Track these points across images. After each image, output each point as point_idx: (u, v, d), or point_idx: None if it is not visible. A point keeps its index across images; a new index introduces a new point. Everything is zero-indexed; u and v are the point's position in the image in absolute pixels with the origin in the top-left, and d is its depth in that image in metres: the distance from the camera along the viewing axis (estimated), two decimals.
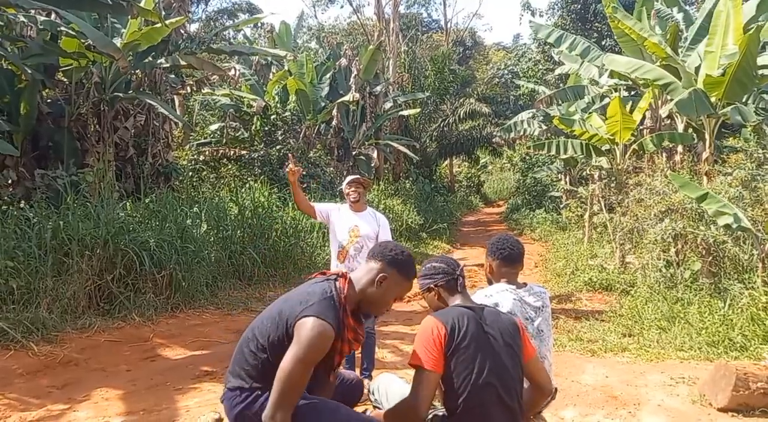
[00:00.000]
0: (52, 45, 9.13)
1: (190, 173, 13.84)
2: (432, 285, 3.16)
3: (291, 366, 2.51)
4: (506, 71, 31.14)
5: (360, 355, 5.24)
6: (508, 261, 3.54)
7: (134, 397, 5.09)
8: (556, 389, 3.64)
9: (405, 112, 19.93)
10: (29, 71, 8.39)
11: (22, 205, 7.66)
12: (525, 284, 3.57)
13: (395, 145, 19.35)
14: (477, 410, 2.85)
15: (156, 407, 4.84)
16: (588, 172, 14.61)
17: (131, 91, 10.94)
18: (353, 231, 5.18)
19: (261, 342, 2.70)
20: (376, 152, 18.97)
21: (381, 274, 2.85)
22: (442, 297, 3.15)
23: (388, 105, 19.64)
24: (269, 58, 17.63)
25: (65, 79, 10.22)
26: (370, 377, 4.95)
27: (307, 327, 2.57)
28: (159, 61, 10.90)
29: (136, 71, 11.11)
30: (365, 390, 3.82)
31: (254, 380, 2.69)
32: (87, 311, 7.12)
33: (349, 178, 5.34)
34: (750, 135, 11.03)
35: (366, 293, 2.87)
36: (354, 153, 17.83)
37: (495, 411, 2.86)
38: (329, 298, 2.73)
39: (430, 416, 3.03)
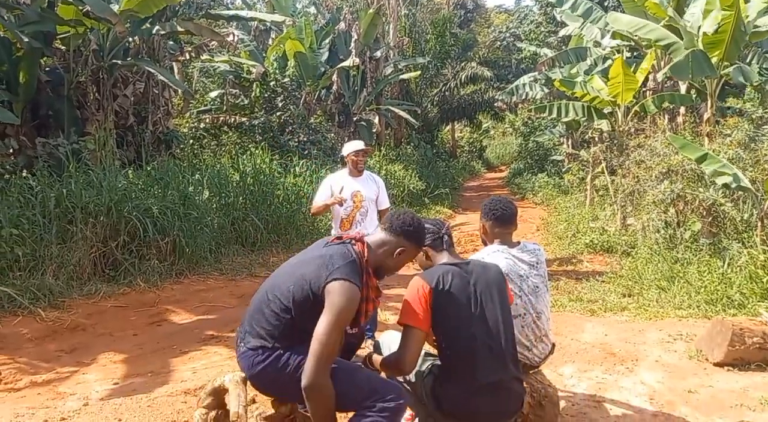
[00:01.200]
0: (49, 12, 9.05)
1: (191, 141, 13.82)
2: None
3: (327, 331, 2.56)
4: (508, 34, 30.77)
5: None
6: (500, 222, 3.61)
7: (141, 360, 5.20)
8: (553, 344, 3.71)
9: (405, 76, 19.75)
10: (26, 40, 8.33)
11: (24, 174, 7.69)
12: (518, 243, 3.64)
13: (396, 110, 19.25)
14: (466, 359, 2.96)
15: (163, 369, 4.94)
16: (590, 135, 14.55)
17: (130, 58, 10.87)
18: (356, 196, 5.21)
19: (284, 304, 2.74)
20: (377, 118, 18.89)
21: (400, 248, 2.94)
22: (429, 257, 3.26)
23: (388, 70, 19.47)
24: (268, 24, 17.46)
25: (63, 47, 10.15)
26: (372, 338, 5.03)
27: (338, 291, 2.63)
28: (157, 28, 10.81)
29: (134, 38, 11.02)
30: (364, 345, 3.92)
31: (276, 340, 2.74)
32: (92, 277, 7.22)
33: (356, 146, 5.29)
34: (754, 95, 10.99)
35: (385, 263, 2.97)
36: (355, 119, 17.75)
37: (483, 360, 2.96)
38: (353, 261, 2.79)
39: (428, 365, 3.13)
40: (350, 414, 2.72)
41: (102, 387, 4.48)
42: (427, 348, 3.29)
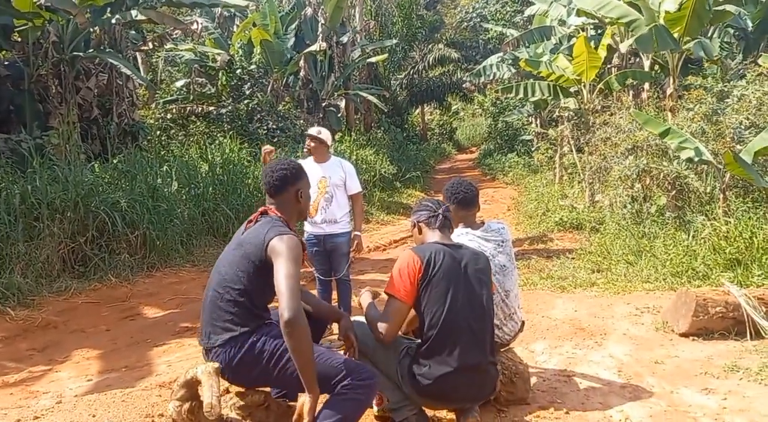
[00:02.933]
0: (4, 4, 8.83)
1: (158, 132, 13.65)
2: (415, 221, 3.39)
3: (287, 269, 2.64)
4: (474, 15, 30.71)
5: (337, 303, 5.36)
6: (463, 205, 3.66)
7: (115, 355, 5.17)
8: (523, 321, 3.79)
9: (373, 59, 19.66)
10: None
11: None
12: (482, 223, 3.69)
13: (365, 94, 19.18)
14: (447, 340, 3.03)
15: (138, 363, 4.92)
16: (557, 114, 14.68)
17: (91, 50, 10.67)
18: (321, 182, 5.21)
19: (238, 288, 2.79)
20: (345, 102, 18.81)
21: (296, 190, 3.07)
22: (421, 232, 3.35)
23: (356, 54, 19.37)
24: (232, 10, 17.22)
25: (21, 40, 9.93)
26: None
27: (280, 243, 2.73)
28: (117, 17, 10.61)
29: (95, 29, 10.81)
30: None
31: (241, 325, 2.79)
32: (62, 274, 7.12)
33: (310, 131, 5.33)
34: (716, 69, 11.17)
35: (297, 209, 3.11)
36: (323, 104, 17.65)
37: (464, 342, 3.03)
38: (277, 222, 2.90)
39: (404, 347, 3.18)
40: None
41: (76, 385, 4.45)
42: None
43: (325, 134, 5.29)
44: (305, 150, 5.33)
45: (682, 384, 3.92)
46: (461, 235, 3.57)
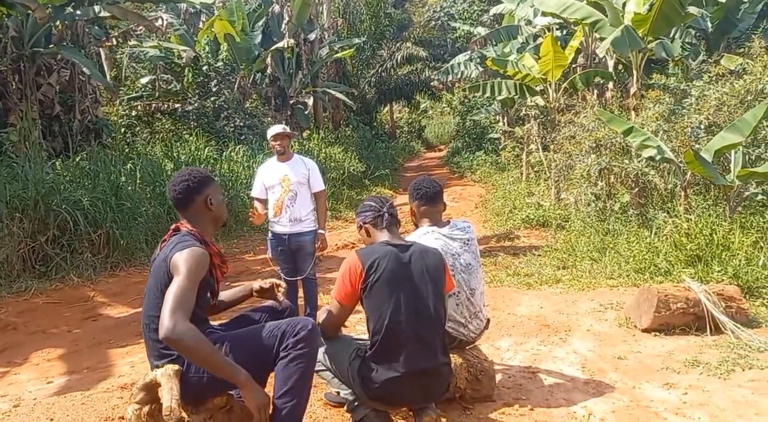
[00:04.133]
0: None
1: (123, 129, 13.42)
2: (361, 223, 3.35)
3: (176, 285, 2.59)
4: (442, 13, 30.81)
5: (303, 302, 5.34)
6: (426, 200, 3.67)
7: (77, 357, 5.07)
8: (488, 319, 3.81)
9: (339, 55, 19.60)
10: None
11: None
12: (448, 222, 3.70)
13: (333, 92, 19.11)
14: (392, 346, 3.01)
15: (100, 365, 4.83)
16: (524, 113, 14.81)
17: (52, 46, 10.44)
18: (284, 181, 5.19)
19: (157, 314, 2.66)
20: (313, 100, 18.72)
21: (205, 197, 2.96)
22: (369, 234, 3.30)
23: (324, 52, 19.29)
24: (198, 7, 17.02)
25: None
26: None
27: (181, 257, 2.67)
28: (79, 12, 10.40)
29: (57, 24, 10.58)
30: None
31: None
32: (22, 274, 6.99)
33: (273, 131, 5.26)
34: (676, 69, 11.37)
35: (212, 217, 3.01)
36: (291, 102, 17.56)
37: (411, 348, 3.01)
38: (185, 238, 2.83)
39: (354, 348, 3.17)
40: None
41: (35, 387, 4.35)
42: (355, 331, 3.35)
43: (288, 129, 5.29)
44: (277, 150, 5.24)
45: (645, 379, 3.98)
46: (426, 234, 3.57)
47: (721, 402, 3.58)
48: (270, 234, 5.38)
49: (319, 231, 5.32)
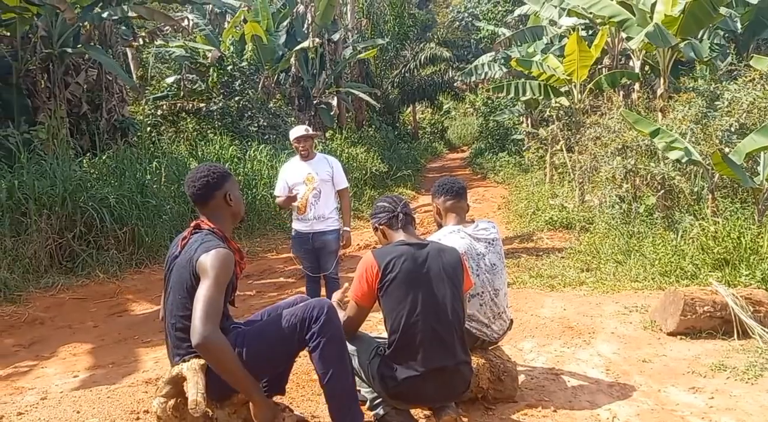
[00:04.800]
0: None
1: (148, 128, 13.58)
2: (376, 225, 3.34)
3: (207, 290, 2.61)
4: (466, 14, 30.74)
5: None
6: (452, 195, 3.66)
7: (102, 352, 5.14)
8: (511, 320, 3.79)
9: (363, 55, 19.60)
10: None
11: None
12: (472, 221, 3.68)
13: (356, 92, 19.15)
14: (410, 345, 3.01)
15: (125, 360, 4.90)
16: (548, 113, 14.71)
17: (80, 45, 10.59)
18: (308, 179, 5.20)
19: (184, 314, 2.75)
20: (336, 100, 18.77)
21: (224, 193, 2.97)
22: (386, 235, 3.30)
23: (347, 52, 19.33)
24: (223, 7, 17.16)
25: (9, 34, 9.84)
26: None
27: (207, 260, 2.68)
28: (108, 12, 10.54)
29: (85, 23, 10.74)
30: None
31: None
32: (49, 270, 7.10)
33: (296, 133, 5.24)
34: (705, 70, 11.23)
35: (231, 213, 3.02)
36: (315, 102, 17.62)
37: (429, 347, 3.01)
38: (209, 236, 2.84)
39: (374, 347, 3.17)
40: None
41: (62, 381, 4.42)
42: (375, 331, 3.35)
43: (311, 130, 5.31)
44: (301, 154, 5.25)
45: (670, 382, 3.93)
46: (453, 233, 3.55)
47: (749, 407, 3.52)
48: (293, 233, 5.39)
49: (344, 228, 5.34)
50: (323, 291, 5.41)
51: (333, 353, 2.83)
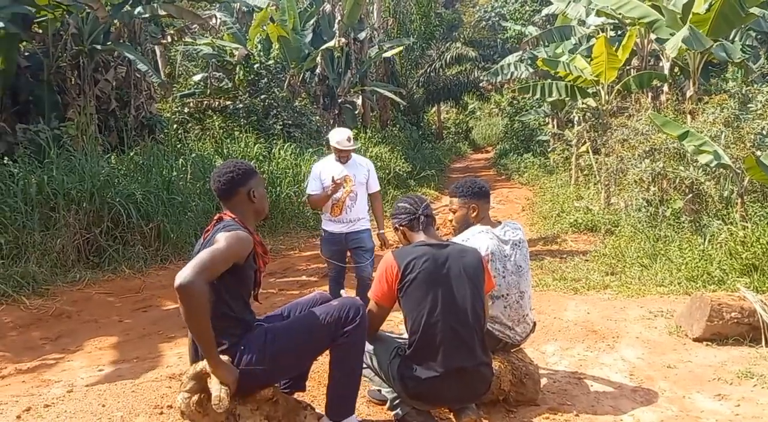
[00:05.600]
0: None
1: (175, 125, 13.71)
2: (397, 225, 3.34)
3: (208, 250, 2.66)
4: (493, 14, 30.58)
5: None
6: (481, 197, 3.64)
7: (127, 346, 5.20)
8: (534, 322, 3.76)
9: (388, 53, 19.57)
10: (2, 24, 8.20)
11: (5, 161, 7.62)
12: (499, 222, 3.66)
13: (381, 91, 19.14)
14: (430, 345, 3.01)
15: (149, 355, 4.95)
16: (575, 115, 14.59)
17: (110, 43, 10.73)
18: (346, 181, 5.10)
19: (211, 301, 2.73)
20: (361, 99, 18.79)
21: (249, 191, 3.01)
22: (406, 237, 3.30)
23: (373, 51, 19.34)
24: (251, 5, 17.28)
25: (41, 31, 10.01)
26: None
27: (222, 233, 2.75)
28: (138, 10, 10.67)
29: (115, 21, 10.88)
30: None
31: (229, 336, 2.80)
32: (76, 264, 7.19)
33: (341, 143, 5.07)
34: (737, 72, 11.03)
35: (254, 210, 3.06)
36: (340, 101, 17.66)
37: (449, 347, 3.01)
38: (230, 223, 2.89)
39: (394, 348, 3.18)
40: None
41: (87, 374, 4.48)
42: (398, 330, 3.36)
43: (353, 140, 5.19)
44: (341, 162, 5.14)
45: (695, 389, 3.87)
46: (481, 233, 3.53)
47: None
48: (324, 234, 5.29)
49: (380, 231, 5.29)
50: (352, 293, 5.36)
51: (357, 355, 2.96)
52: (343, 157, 5.14)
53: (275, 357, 2.78)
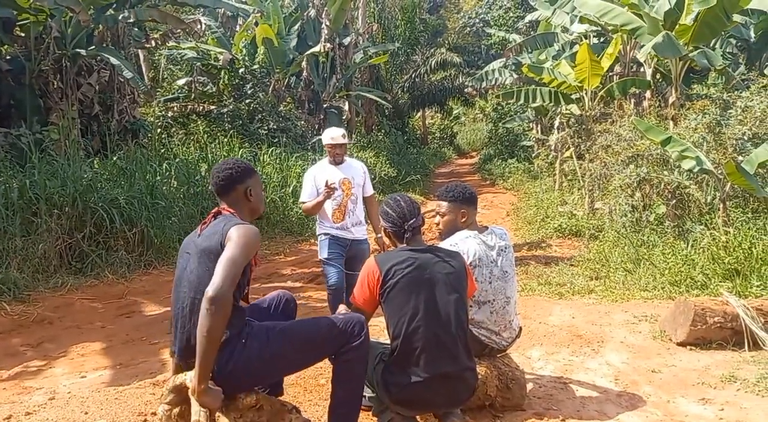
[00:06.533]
0: None
1: (159, 130, 13.63)
2: (384, 227, 3.33)
3: (231, 251, 2.64)
4: (477, 20, 30.74)
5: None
6: (469, 203, 3.63)
7: (111, 352, 5.15)
8: (520, 328, 3.77)
9: (373, 61, 19.62)
10: None
11: None
12: (486, 227, 3.66)
13: (367, 95, 19.16)
14: (413, 351, 3.00)
15: (132, 361, 4.90)
16: (558, 120, 14.68)
17: (93, 47, 10.65)
18: (345, 184, 5.02)
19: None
20: (347, 104, 18.80)
21: (245, 189, 3.01)
22: (391, 239, 3.33)
23: (358, 56, 19.36)
24: (236, 10, 17.23)
25: (23, 35, 9.92)
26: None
27: (237, 230, 2.73)
28: (121, 15, 10.61)
29: (98, 25, 10.81)
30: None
31: (228, 327, 2.72)
32: (59, 270, 7.12)
33: (334, 139, 4.99)
34: (718, 78, 11.17)
35: (250, 207, 3.05)
36: (325, 106, 17.65)
37: (432, 352, 2.99)
38: (233, 217, 2.90)
39: (378, 353, 3.17)
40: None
41: (70, 381, 4.43)
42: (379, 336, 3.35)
43: (346, 135, 5.09)
44: (336, 160, 5.05)
45: (679, 393, 3.90)
46: (468, 238, 3.52)
47: (759, 419, 3.49)
48: (325, 237, 5.07)
49: (378, 236, 5.12)
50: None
51: (360, 372, 2.98)
52: (337, 155, 5.04)
53: (273, 359, 2.78)
